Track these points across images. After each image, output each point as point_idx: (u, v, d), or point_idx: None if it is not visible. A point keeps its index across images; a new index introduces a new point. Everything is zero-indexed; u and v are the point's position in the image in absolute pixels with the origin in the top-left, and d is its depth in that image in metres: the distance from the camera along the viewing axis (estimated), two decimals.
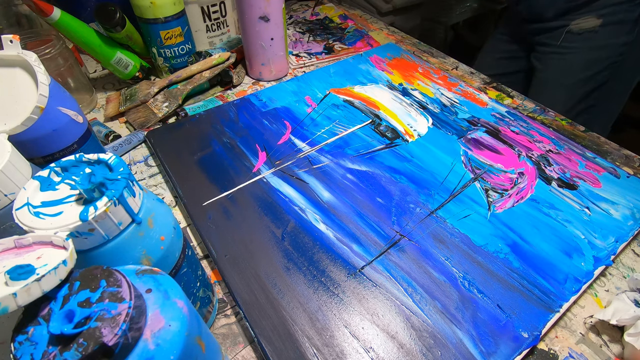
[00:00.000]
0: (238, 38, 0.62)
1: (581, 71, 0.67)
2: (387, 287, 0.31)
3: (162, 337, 0.15)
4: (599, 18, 0.63)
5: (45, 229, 0.17)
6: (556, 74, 0.69)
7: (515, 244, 0.34)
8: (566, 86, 0.68)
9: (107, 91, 0.57)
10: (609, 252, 0.33)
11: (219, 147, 0.44)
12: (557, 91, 0.68)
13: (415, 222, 0.36)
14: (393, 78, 0.55)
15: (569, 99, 0.69)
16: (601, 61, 0.66)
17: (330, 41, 0.66)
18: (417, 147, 0.44)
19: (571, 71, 0.67)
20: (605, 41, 0.64)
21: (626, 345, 0.27)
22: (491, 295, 0.30)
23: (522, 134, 0.45)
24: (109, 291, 0.15)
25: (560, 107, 0.57)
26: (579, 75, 0.67)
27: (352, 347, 0.27)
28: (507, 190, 0.38)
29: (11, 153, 0.22)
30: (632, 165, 0.42)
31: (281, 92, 0.53)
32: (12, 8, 0.53)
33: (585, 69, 0.67)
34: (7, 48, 0.26)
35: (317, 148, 0.44)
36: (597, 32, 0.64)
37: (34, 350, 0.14)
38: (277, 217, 0.36)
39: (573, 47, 0.66)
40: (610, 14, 0.62)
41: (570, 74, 0.68)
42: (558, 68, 0.69)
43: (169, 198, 0.41)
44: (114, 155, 0.20)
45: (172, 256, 0.23)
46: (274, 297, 0.30)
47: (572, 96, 0.69)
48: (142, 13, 0.50)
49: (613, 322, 0.27)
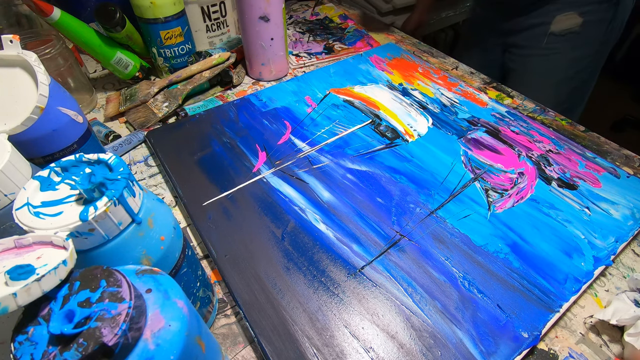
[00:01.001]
0: (238, 38, 0.62)
1: (566, 70, 0.67)
2: (387, 287, 0.31)
3: (162, 337, 0.15)
4: (580, 15, 0.63)
5: (45, 229, 0.17)
6: (540, 74, 0.69)
7: (515, 244, 0.34)
8: (551, 85, 0.69)
9: (107, 91, 0.57)
10: (609, 252, 0.33)
11: (219, 147, 0.44)
12: (542, 92, 0.68)
13: (415, 222, 0.36)
14: (393, 78, 0.55)
15: (554, 97, 0.69)
16: (583, 59, 0.67)
17: (330, 41, 0.66)
18: (417, 147, 0.44)
19: (556, 71, 0.68)
20: (585, 40, 0.65)
21: (626, 345, 0.27)
22: (491, 295, 0.30)
23: (522, 134, 0.45)
24: (109, 291, 0.15)
25: (548, 105, 0.57)
26: (565, 74, 0.68)
27: (352, 347, 0.27)
28: (507, 190, 0.38)
29: (11, 153, 0.22)
30: (632, 165, 0.42)
31: (281, 92, 0.53)
32: (12, 8, 0.53)
33: (569, 68, 0.67)
34: (7, 48, 0.27)
35: (317, 148, 0.44)
36: (578, 33, 0.64)
37: (34, 350, 0.14)
38: (277, 217, 0.36)
39: (556, 47, 0.66)
40: (590, 13, 0.62)
41: (555, 73, 0.68)
42: (541, 69, 0.69)
43: (169, 198, 0.41)
44: (114, 155, 0.20)
45: (172, 256, 0.23)
46: (274, 297, 0.30)
47: (558, 95, 0.69)
48: (142, 13, 0.50)
49: (613, 322, 0.27)
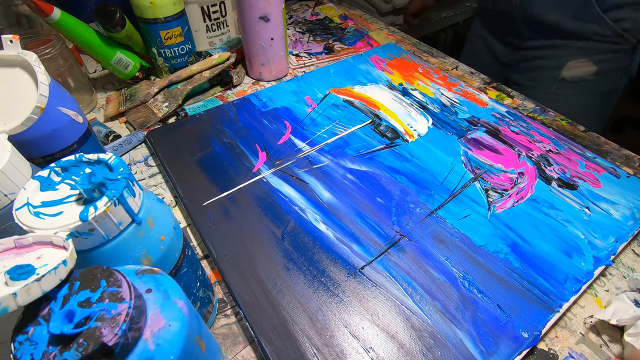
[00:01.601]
0: (238, 38, 0.62)
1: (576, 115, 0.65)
2: (387, 287, 0.31)
3: (162, 337, 0.15)
4: (594, 64, 0.61)
5: (45, 229, 0.17)
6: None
7: (515, 244, 0.34)
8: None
9: (107, 91, 0.57)
10: (609, 252, 0.33)
11: (219, 147, 0.44)
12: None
13: (415, 222, 0.36)
14: (393, 78, 0.55)
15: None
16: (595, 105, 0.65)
17: (330, 41, 0.66)
18: (417, 147, 0.44)
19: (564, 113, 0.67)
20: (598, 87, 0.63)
21: (626, 345, 0.27)
22: (491, 295, 0.30)
23: (522, 134, 0.45)
24: (109, 291, 0.15)
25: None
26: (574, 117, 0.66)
27: (352, 347, 0.27)
28: (507, 190, 0.38)
29: (11, 153, 0.22)
30: (632, 165, 0.42)
31: (281, 92, 0.53)
32: (12, 8, 0.53)
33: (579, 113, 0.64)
34: (7, 48, 0.26)
35: (317, 148, 0.44)
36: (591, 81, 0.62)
37: (34, 350, 0.14)
38: (277, 217, 0.36)
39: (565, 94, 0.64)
40: (605, 62, 0.60)
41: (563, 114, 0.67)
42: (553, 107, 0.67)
43: (169, 198, 0.41)
44: (114, 155, 0.20)
45: (172, 256, 0.23)
46: (274, 297, 0.30)
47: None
48: (142, 13, 0.50)
49: (613, 322, 0.27)
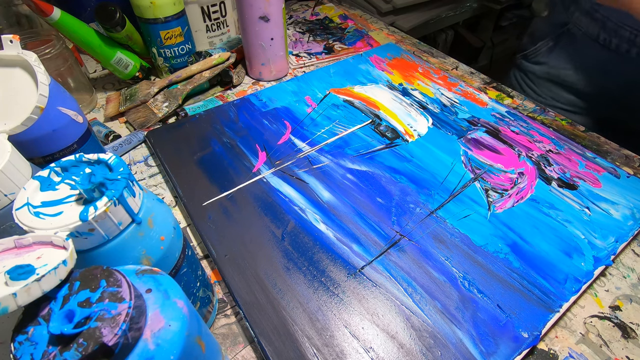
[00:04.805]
0: (238, 38, 0.62)
1: None
2: (387, 287, 0.31)
3: (162, 337, 0.15)
4: None
5: (45, 229, 0.17)
6: None
7: (515, 244, 0.34)
8: None
9: (107, 91, 0.57)
10: (609, 252, 0.33)
11: (219, 147, 0.44)
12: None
13: (415, 222, 0.36)
14: (393, 78, 0.55)
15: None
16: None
17: (330, 41, 0.66)
18: (417, 147, 0.44)
19: None
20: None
21: None
22: (491, 295, 0.30)
23: (522, 134, 0.45)
24: (109, 291, 0.15)
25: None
26: None
27: (352, 347, 0.27)
28: (507, 190, 0.38)
29: (11, 153, 0.22)
30: (632, 165, 0.42)
31: (281, 92, 0.53)
32: (12, 8, 0.53)
33: None
34: (7, 48, 0.26)
35: (317, 148, 0.44)
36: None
37: (34, 350, 0.14)
38: (277, 217, 0.36)
39: None
40: None
41: None
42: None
43: (169, 198, 0.41)
44: (114, 155, 0.20)
45: (172, 256, 0.23)
46: (274, 297, 0.30)
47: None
48: (142, 13, 0.50)
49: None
